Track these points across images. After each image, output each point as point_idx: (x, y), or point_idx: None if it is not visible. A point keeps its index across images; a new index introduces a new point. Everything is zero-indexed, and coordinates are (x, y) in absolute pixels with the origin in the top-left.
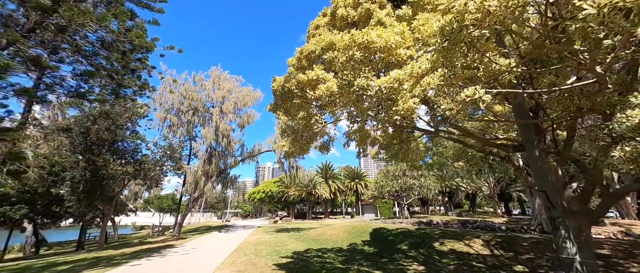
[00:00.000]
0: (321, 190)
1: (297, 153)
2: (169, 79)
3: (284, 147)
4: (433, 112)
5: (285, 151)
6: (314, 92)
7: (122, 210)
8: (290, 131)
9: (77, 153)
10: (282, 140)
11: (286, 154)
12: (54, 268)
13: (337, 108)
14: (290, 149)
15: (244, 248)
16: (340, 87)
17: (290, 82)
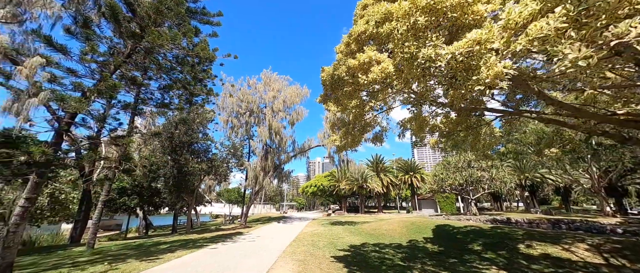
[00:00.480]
0: (373, 184)
1: (348, 146)
2: (228, 86)
3: (335, 141)
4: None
5: (337, 146)
6: (366, 76)
7: (201, 201)
8: (341, 124)
9: (166, 154)
10: (332, 134)
11: (338, 149)
12: (158, 247)
13: (391, 93)
14: (342, 142)
15: (301, 239)
16: (398, 66)
17: (340, 70)
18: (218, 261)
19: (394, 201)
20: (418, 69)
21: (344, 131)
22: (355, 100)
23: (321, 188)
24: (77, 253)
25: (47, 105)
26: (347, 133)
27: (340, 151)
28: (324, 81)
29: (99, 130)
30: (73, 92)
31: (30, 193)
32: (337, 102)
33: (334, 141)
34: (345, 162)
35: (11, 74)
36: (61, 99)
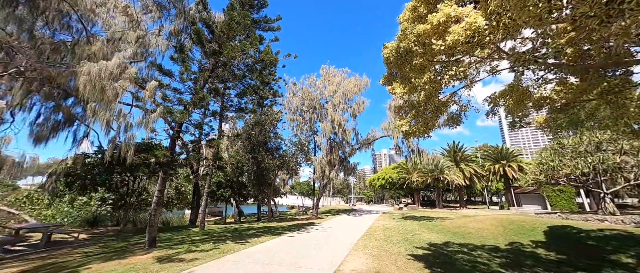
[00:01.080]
0: (451, 175)
1: (419, 133)
2: (291, 86)
3: (402, 127)
4: None
5: (404, 131)
6: (442, 41)
7: (277, 193)
8: (409, 107)
9: (247, 153)
10: (399, 120)
11: (405, 135)
12: (248, 231)
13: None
14: (411, 128)
15: (373, 232)
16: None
17: (406, 40)
18: (295, 249)
19: (479, 195)
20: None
21: (413, 114)
22: (427, 74)
23: (389, 180)
24: (194, 233)
25: (164, 118)
26: (417, 115)
27: (408, 137)
28: (387, 58)
29: (200, 136)
30: (178, 106)
31: (161, 186)
32: (404, 80)
33: (401, 126)
34: (417, 152)
35: (140, 97)
36: (170, 112)
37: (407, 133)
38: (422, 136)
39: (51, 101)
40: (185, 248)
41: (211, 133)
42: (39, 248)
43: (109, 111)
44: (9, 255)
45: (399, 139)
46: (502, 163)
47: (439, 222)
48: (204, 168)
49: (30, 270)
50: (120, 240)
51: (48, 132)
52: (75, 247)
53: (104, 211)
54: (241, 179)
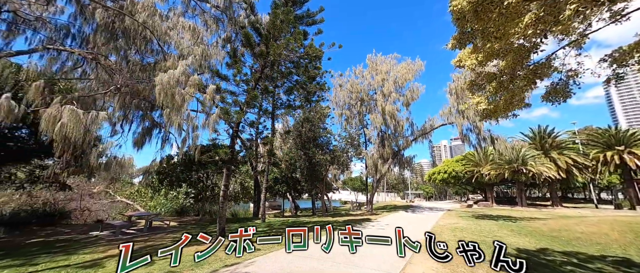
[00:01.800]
0: (538, 166)
1: (501, 111)
2: (337, 80)
3: (479, 105)
4: None
5: (482, 111)
6: None
7: (329, 189)
8: (488, 79)
9: (299, 150)
10: (472, 96)
11: (483, 116)
12: (312, 225)
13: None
14: (490, 104)
15: (439, 232)
16: None
17: None
18: None
19: (579, 191)
20: None
21: (493, 87)
22: (522, 20)
23: (453, 174)
24: (256, 225)
25: (224, 119)
26: (500, 88)
27: (486, 118)
28: (458, 10)
29: (257, 135)
30: (234, 107)
31: (225, 182)
32: (485, 37)
33: (477, 105)
34: (489, 139)
35: (201, 100)
36: (226, 113)
37: (485, 112)
38: (505, 115)
39: (140, 110)
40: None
41: (265, 131)
42: (144, 232)
43: (179, 115)
44: (125, 237)
45: (466, 125)
46: (618, 149)
47: (525, 223)
48: (261, 165)
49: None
50: (199, 228)
51: (141, 137)
52: (168, 232)
53: (188, 203)
54: (295, 175)
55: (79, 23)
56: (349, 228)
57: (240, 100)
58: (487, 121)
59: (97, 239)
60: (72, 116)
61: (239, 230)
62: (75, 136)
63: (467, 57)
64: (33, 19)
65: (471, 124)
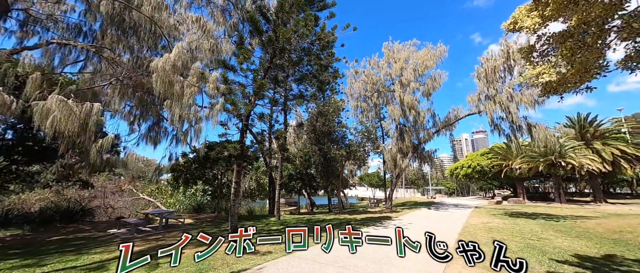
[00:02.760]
0: (580, 158)
1: (571, 83)
2: (352, 72)
3: (543, 76)
4: None
5: (547, 84)
6: None
7: (346, 185)
8: (558, 40)
9: (313, 145)
10: (532, 68)
11: (546, 90)
12: (320, 224)
13: None
14: (555, 76)
15: (472, 233)
16: None
17: None
18: (373, 251)
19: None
20: None
21: (568, 47)
22: None
23: (477, 168)
24: (271, 222)
25: (232, 112)
26: (578, 48)
27: (550, 93)
28: None
29: (270, 129)
30: (242, 99)
31: (236, 178)
32: None
33: (540, 76)
34: (525, 127)
35: (208, 92)
36: (233, 103)
37: (548, 86)
38: (576, 87)
39: (144, 104)
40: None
41: (277, 126)
42: (158, 230)
43: (180, 106)
44: (140, 235)
45: (497, 113)
46: None
47: (571, 223)
48: (276, 161)
49: (144, 249)
50: (214, 226)
51: (148, 133)
52: (183, 230)
53: (205, 201)
54: (310, 171)
55: (89, 22)
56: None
57: (248, 92)
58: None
59: (113, 237)
60: (62, 108)
61: (239, 230)
62: (69, 130)
63: (524, 16)
64: (44, 18)
65: (503, 112)
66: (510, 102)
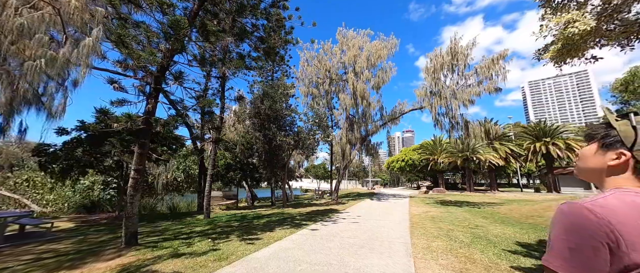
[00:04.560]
0: (486, 155)
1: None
2: (305, 54)
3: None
4: None
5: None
6: None
7: (292, 176)
8: None
9: (257, 131)
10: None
11: (560, 54)
12: (259, 220)
13: None
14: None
15: (420, 224)
16: None
17: None
18: (325, 254)
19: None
20: None
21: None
22: None
23: (410, 162)
24: (196, 222)
25: (131, 67)
26: None
27: (565, 57)
28: None
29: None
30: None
31: (137, 165)
32: None
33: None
34: (462, 124)
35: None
36: (122, 44)
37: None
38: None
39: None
40: (171, 250)
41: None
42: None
43: None
44: None
45: (442, 109)
46: (545, 141)
47: (489, 209)
48: (207, 145)
49: None
50: (107, 231)
51: None
52: (45, 241)
53: (107, 196)
54: (251, 160)
55: None
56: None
57: (154, 31)
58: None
59: None
60: None
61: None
62: None
63: None
64: None
65: (446, 107)
66: (453, 98)
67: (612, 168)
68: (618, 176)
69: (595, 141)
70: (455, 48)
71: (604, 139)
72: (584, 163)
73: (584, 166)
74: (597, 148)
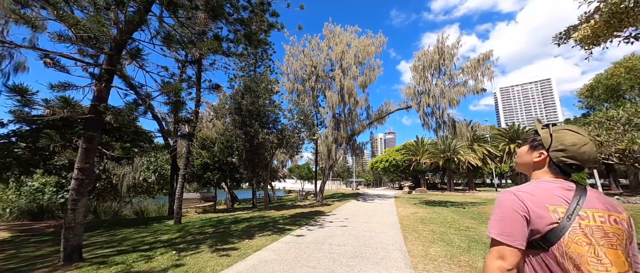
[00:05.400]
0: (466, 156)
1: None
2: (290, 48)
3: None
4: None
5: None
6: None
7: (275, 177)
8: None
9: (238, 128)
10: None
11: (593, 36)
12: (237, 226)
13: None
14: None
15: (412, 227)
16: None
17: None
18: (313, 266)
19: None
20: None
21: None
22: None
23: (393, 163)
24: (164, 229)
25: (74, 41)
26: None
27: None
28: None
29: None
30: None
31: (82, 163)
32: None
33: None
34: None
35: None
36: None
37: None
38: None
39: None
40: (122, 267)
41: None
42: None
43: None
44: None
45: (429, 108)
46: (518, 142)
47: (474, 209)
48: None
49: None
50: (50, 243)
51: None
52: None
53: (61, 200)
54: (231, 159)
55: None
56: None
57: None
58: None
59: None
60: None
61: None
62: None
63: None
64: None
65: (434, 106)
66: (441, 97)
67: (536, 163)
68: (539, 170)
69: (527, 143)
70: (443, 47)
71: (532, 142)
72: (520, 159)
73: (520, 161)
74: (528, 148)
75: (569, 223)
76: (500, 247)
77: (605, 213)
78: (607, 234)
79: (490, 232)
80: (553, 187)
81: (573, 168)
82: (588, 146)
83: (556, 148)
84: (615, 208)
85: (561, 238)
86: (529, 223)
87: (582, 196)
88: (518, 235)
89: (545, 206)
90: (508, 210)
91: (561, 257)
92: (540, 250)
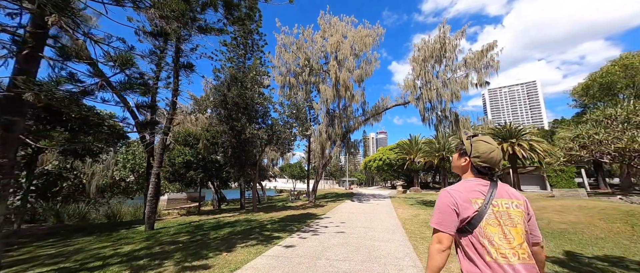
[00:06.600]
0: None
1: None
2: (283, 38)
3: None
4: None
5: None
6: None
7: (265, 176)
8: None
9: (223, 122)
10: None
11: None
12: (217, 232)
13: None
14: None
15: (418, 233)
16: None
17: None
18: None
19: None
20: None
21: None
22: None
23: (387, 161)
24: (131, 237)
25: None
26: None
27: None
28: None
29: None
30: None
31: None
32: None
33: None
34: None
35: None
36: None
37: None
38: None
39: None
40: None
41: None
42: None
43: None
44: None
45: (428, 103)
46: (511, 141)
47: None
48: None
49: None
50: None
51: None
52: None
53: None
54: (216, 157)
55: None
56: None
57: None
58: None
59: None
60: None
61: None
62: None
63: None
64: None
65: (436, 99)
66: (444, 89)
67: (463, 167)
68: (466, 172)
69: (457, 151)
70: (444, 37)
71: (460, 150)
72: (453, 163)
73: (454, 165)
74: (458, 155)
75: (485, 210)
76: (438, 233)
77: (509, 201)
78: (510, 216)
79: (432, 222)
80: (474, 184)
81: (487, 169)
82: (495, 152)
83: (474, 155)
84: (516, 196)
85: (480, 222)
86: (458, 214)
87: (494, 190)
88: (450, 224)
89: (469, 199)
90: (443, 205)
91: (481, 236)
92: (467, 233)
